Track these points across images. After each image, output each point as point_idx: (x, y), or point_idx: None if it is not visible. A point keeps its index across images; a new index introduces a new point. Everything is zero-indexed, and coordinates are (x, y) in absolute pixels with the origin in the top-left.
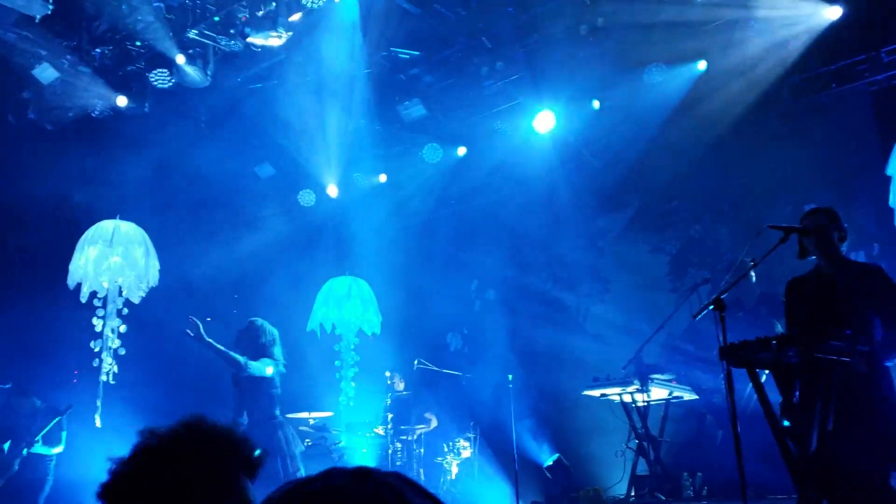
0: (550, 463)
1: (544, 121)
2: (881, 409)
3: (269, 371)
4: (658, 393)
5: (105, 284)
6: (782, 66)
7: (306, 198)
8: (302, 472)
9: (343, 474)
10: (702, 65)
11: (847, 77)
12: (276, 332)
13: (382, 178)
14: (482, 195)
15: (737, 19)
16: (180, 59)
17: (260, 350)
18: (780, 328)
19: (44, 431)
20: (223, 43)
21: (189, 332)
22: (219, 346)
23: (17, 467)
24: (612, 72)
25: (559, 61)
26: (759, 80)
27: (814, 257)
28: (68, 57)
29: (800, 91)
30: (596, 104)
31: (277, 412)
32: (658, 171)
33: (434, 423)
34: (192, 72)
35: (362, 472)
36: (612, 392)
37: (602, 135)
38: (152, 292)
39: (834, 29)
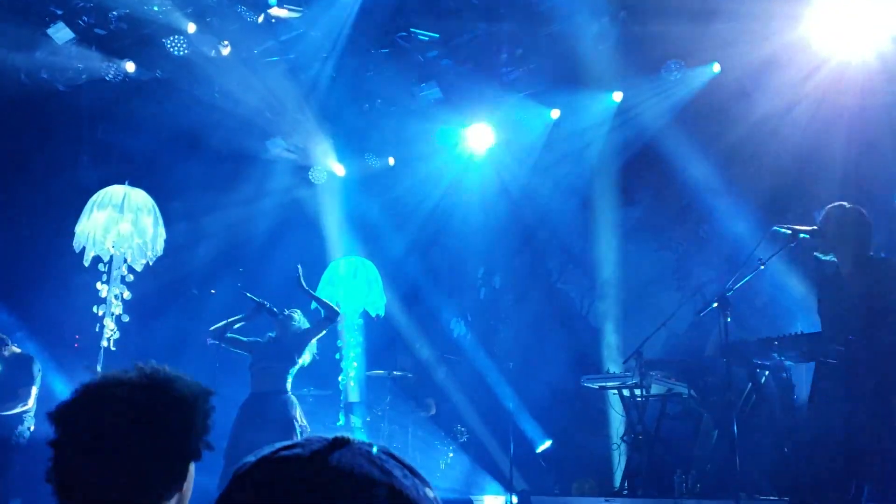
0: (544, 449)
1: (559, 111)
2: None
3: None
4: (656, 389)
5: (111, 249)
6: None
7: (317, 175)
8: None
9: (320, 442)
10: (716, 67)
11: None
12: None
13: (391, 161)
14: (493, 182)
15: (761, 20)
16: (191, 27)
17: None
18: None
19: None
20: (242, 12)
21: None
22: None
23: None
24: (632, 65)
25: (580, 51)
26: (774, 87)
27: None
28: (84, 18)
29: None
30: (616, 97)
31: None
32: (670, 170)
33: (433, 409)
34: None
35: (340, 441)
36: (611, 385)
37: (618, 129)
38: (157, 262)
39: None
